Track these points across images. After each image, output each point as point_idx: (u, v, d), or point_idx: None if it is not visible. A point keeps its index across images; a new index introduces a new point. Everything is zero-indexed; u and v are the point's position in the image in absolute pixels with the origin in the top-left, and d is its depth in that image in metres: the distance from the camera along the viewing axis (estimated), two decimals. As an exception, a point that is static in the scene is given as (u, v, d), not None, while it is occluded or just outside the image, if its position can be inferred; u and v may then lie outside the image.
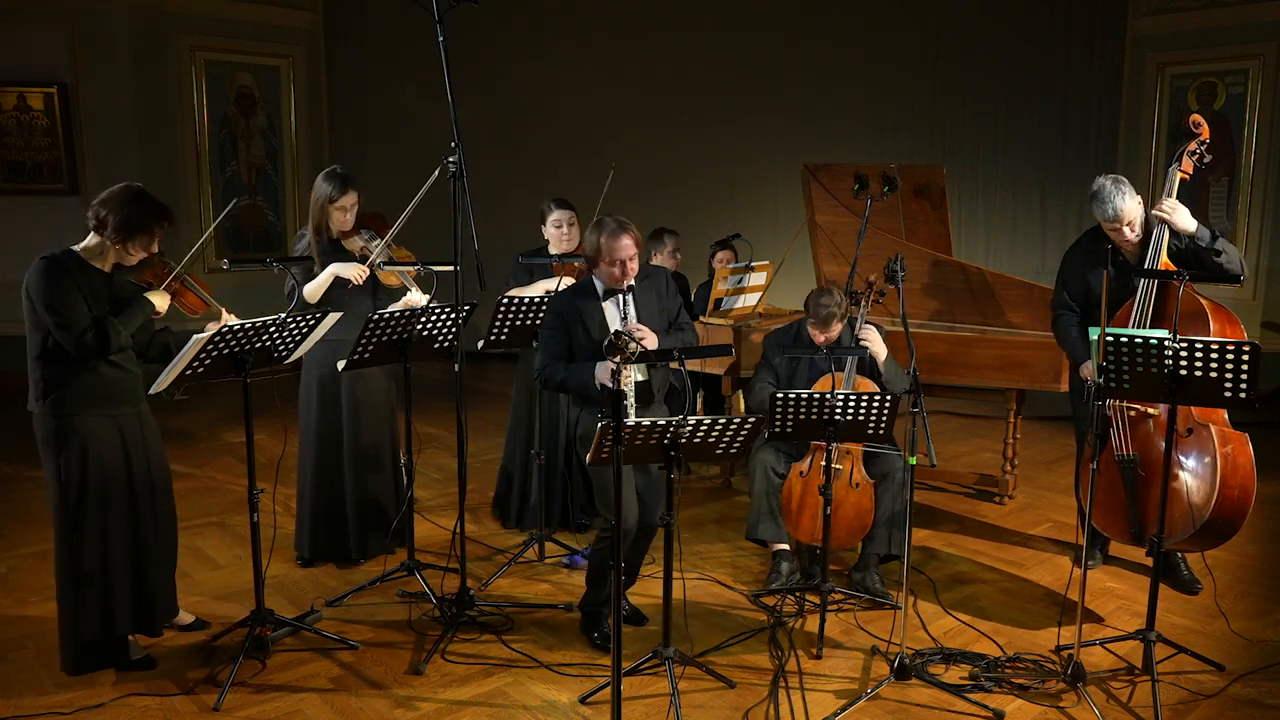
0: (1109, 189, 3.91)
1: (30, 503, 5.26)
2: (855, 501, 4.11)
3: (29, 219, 8.01)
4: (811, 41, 8.94)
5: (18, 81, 7.83)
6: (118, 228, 3.20)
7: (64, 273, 3.19)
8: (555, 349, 3.63)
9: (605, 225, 3.51)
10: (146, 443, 3.46)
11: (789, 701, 3.33)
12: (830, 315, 4.16)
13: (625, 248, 3.48)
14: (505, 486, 4.96)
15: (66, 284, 3.18)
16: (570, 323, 3.60)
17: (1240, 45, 7.59)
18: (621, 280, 3.53)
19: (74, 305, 3.18)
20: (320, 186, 4.13)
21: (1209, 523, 3.61)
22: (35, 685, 3.38)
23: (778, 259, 5.88)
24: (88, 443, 3.29)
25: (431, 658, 3.57)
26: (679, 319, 3.74)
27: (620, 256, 3.49)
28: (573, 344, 3.61)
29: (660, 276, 3.78)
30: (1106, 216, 3.93)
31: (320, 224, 4.16)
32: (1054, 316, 4.31)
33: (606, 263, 3.51)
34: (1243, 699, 3.35)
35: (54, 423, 3.28)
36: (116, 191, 3.24)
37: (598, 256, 3.52)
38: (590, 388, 3.52)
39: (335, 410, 4.28)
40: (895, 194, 5.42)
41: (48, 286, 3.16)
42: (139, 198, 3.24)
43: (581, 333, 3.58)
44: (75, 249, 3.28)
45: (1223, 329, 3.71)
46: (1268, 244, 7.66)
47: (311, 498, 4.33)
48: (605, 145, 8.96)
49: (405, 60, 8.84)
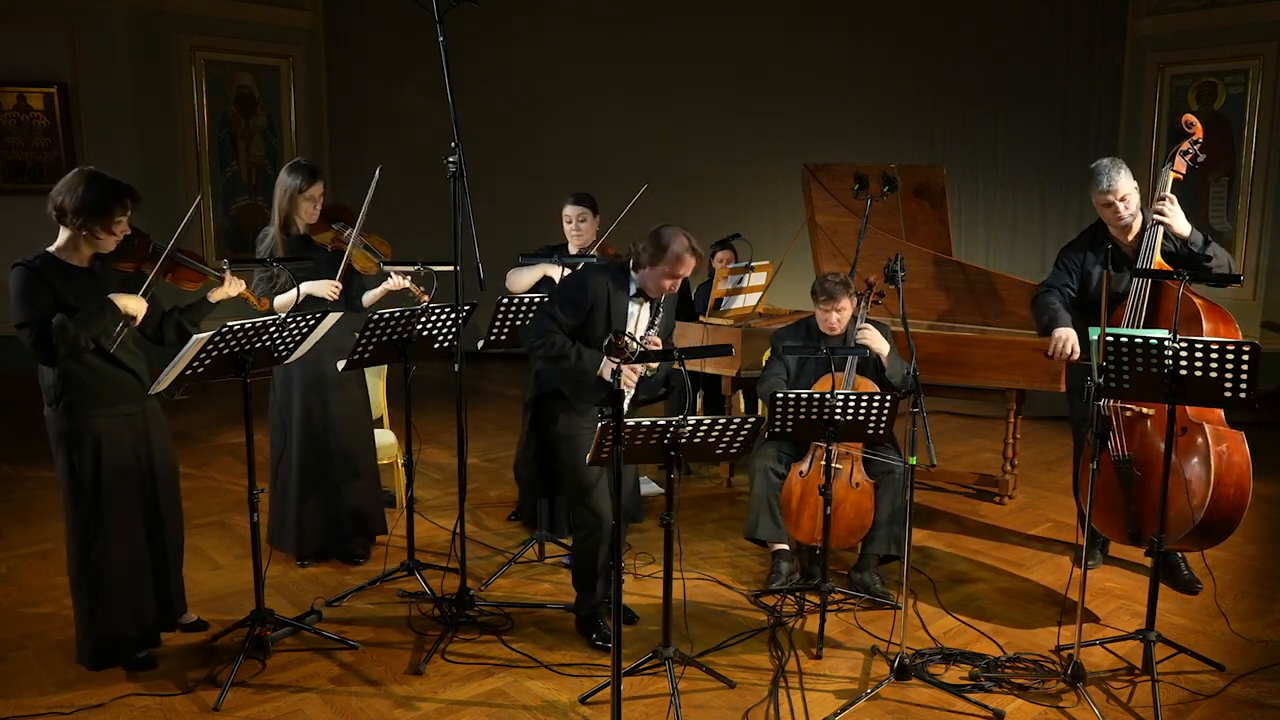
0: (1105, 164, 3.95)
1: (30, 503, 5.27)
2: (855, 501, 4.11)
3: (29, 219, 7.94)
4: (811, 41, 8.94)
5: (18, 81, 7.83)
6: (75, 211, 3.12)
7: (33, 276, 3.13)
8: (568, 321, 3.55)
9: (678, 238, 3.47)
10: (154, 439, 3.47)
11: (789, 701, 3.33)
12: (837, 287, 4.17)
13: (690, 266, 3.52)
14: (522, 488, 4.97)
15: (33, 288, 3.12)
16: (596, 304, 3.54)
17: (1240, 45, 7.60)
18: (664, 293, 3.58)
19: (31, 310, 3.12)
20: (286, 179, 4.08)
21: (1205, 521, 3.61)
22: (35, 685, 3.37)
23: (778, 259, 5.88)
24: (101, 441, 3.30)
25: (431, 658, 3.57)
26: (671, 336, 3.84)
27: (683, 273, 3.53)
28: (585, 324, 3.55)
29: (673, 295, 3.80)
30: (1101, 187, 3.92)
31: (287, 217, 4.10)
32: (1037, 292, 4.25)
33: (665, 272, 3.50)
34: (1243, 699, 3.35)
35: (65, 424, 3.28)
36: (69, 178, 3.17)
37: (659, 261, 3.47)
38: (587, 375, 3.51)
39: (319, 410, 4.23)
40: (895, 194, 5.42)
41: (14, 291, 3.14)
42: (92, 178, 3.15)
43: (601, 318, 3.54)
44: (50, 249, 3.23)
45: (1216, 328, 3.71)
46: (1268, 244, 7.66)
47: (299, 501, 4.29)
48: (606, 145, 8.99)
49: (405, 60, 8.84)
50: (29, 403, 7.10)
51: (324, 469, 4.28)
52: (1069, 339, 3.98)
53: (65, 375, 3.24)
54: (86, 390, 3.26)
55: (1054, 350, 4.00)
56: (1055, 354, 4.00)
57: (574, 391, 3.60)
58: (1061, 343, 3.99)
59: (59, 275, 3.17)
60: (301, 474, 4.25)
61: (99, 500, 3.32)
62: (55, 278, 3.16)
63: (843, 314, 4.22)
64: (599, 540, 3.64)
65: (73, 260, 3.24)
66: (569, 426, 3.64)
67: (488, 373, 8.76)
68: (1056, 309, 4.09)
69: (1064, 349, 3.98)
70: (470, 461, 5.89)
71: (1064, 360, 4.04)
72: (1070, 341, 3.97)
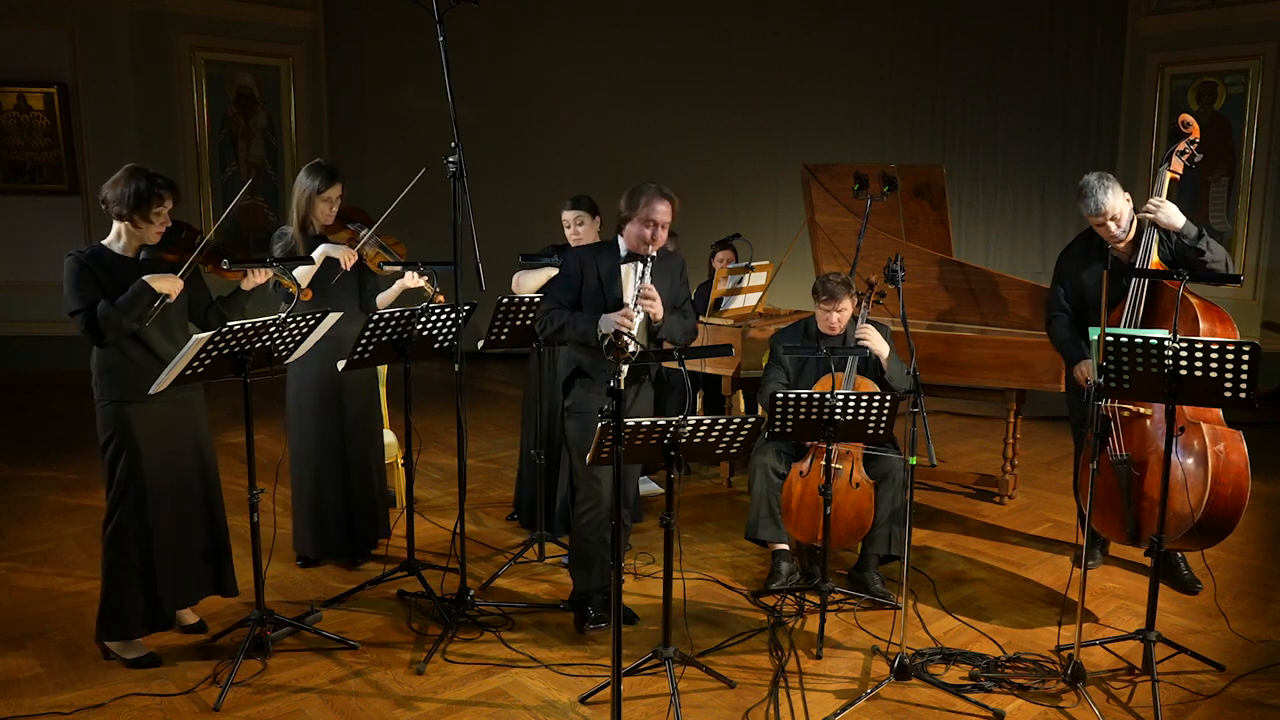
0: (1093, 183, 3.94)
1: (31, 503, 5.27)
2: (855, 501, 4.11)
3: (29, 219, 8.02)
4: (812, 41, 8.94)
5: (18, 81, 7.84)
6: (117, 202, 3.34)
7: (80, 267, 3.34)
8: (564, 296, 3.67)
9: (647, 187, 3.56)
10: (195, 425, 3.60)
11: (789, 701, 3.33)
12: (839, 286, 4.18)
13: (662, 212, 3.53)
14: (520, 488, 4.97)
15: (81, 279, 3.33)
16: (585, 271, 3.63)
17: (1240, 45, 7.60)
18: (648, 245, 3.56)
19: (80, 298, 3.33)
20: (304, 180, 4.11)
21: (1203, 521, 3.61)
22: (35, 685, 3.38)
23: (778, 259, 5.89)
24: (133, 427, 3.42)
25: (431, 658, 3.57)
26: (683, 306, 3.81)
27: (655, 218, 3.53)
28: (582, 295, 3.63)
29: (677, 262, 3.83)
30: (1089, 210, 3.95)
31: (305, 218, 4.13)
32: (1048, 318, 4.34)
33: (640, 220, 3.54)
34: (1243, 699, 3.35)
35: (107, 408, 3.43)
36: (117, 174, 3.39)
37: (632, 214, 3.55)
38: (590, 336, 3.55)
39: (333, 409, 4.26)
40: (895, 194, 5.42)
41: (65, 281, 3.35)
42: (134, 173, 3.37)
43: (594, 280, 3.61)
44: (103, 242, 3.44)
45: (1213, 328, 3.71)
46: (1268, 244, 7.67)
47: (311, 498, 4.32)
48: (606, 145, 8.99)
49: (405, 60, 8.84)
50: (29, 403, 7.13)
51: (341, 468, 4.31)
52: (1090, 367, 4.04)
53: (109, 366, 3.40)
54: (128, 379, 3.40)
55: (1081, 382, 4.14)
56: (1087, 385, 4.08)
57: (591, 364, 3.66)
58: (1082, 375, 4.14)
59: (105, 264, 3.37)
60: (319, 473, 4.28)
61: (139, 482, 3.43)
62: (101, 267, 3.36)
63: (843, 314, 4.22)
64: (602, 514, 3.67)
65: (121, 250, 3.43)
66: (580, 402, 3.69)
67: (488, 373, 8.76)
68: (1070, 349, 4.22)
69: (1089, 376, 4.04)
70: (470, 461, 5.89)
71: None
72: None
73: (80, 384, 3.80)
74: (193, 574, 3.66)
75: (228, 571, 3.77)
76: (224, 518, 3.75)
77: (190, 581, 3.65)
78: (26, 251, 7.97)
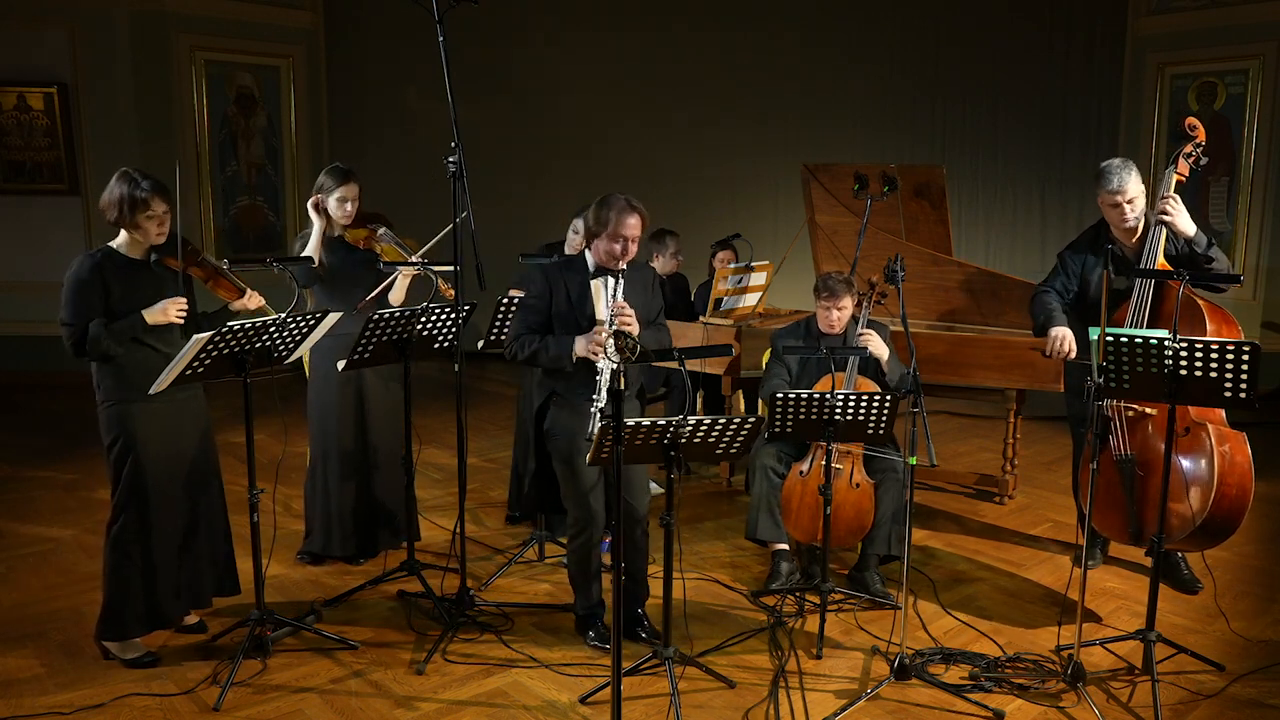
0: (1117, 164, 3.94)
1: (30, 503, 5.27)
2: (855, 501, 4.11)
3: (29, 219, 8.02)
4: (812, 41, 8.94)
5: (18, 81, 7.84)
6: (112, 208, 3.36)
7: (83, 280, 3.34)
8: (533, 320, 3.55)
9: (615, 200, 3.43)
10: (196, 425, 3.60)
11: (789, 701, 3.33)
12: (840, 284, 4.17)
13: (632, 226, 3.41)
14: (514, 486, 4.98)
15: (82, 292, 3.33)
16: (554, 290, 3.52)
17: (1240, 45, 7.60)
18: (618, 260, 3.45)
19: (78, 306, 3.33)
20: (321, 180, 4.20)
21: (1207, 522, 3.60)
22: (35, 685, 3.38)
23: (778, 259, 5.89)
24: (136, 428, 3.42)
25: (431, 658, 3.57)
26: (657, 319, 3.70)
27: (625, 233, 3.41)
28: (551, 315, 3.53)
29: (649, 274, 3.74)
30: (1110, 186, 3.91)
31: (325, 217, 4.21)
32: (1035, 292, 4.26)
33: (609, 236, 3.42)
34: (1243, 699, 3.35)
35: (110, 409, 3.43)
36: (110, 181, 3.40)
37: (600, 229, 3.44)
38: (564, 361, 3.46)
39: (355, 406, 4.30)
40: (895, 194, 5.42)
41: (65, 290, 3.36)
42: (122, 176, 3.39)
43: (564, 302, 3.50)
44: (111, 244, 3.45)
45: (1219, 329, 3.71)
46: (1268, 244, 7.66)
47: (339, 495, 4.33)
48: (606, 145, 8.99)
49: (405, 60, 8.84)
50: (29, 403, 7.13)
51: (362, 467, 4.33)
52: (1065, 337, 3.98)
53: (110, 367, 3.40)
54: (130, 379, 3.40)
55: (1050, 349, 4.00)
56: (1052, 353, 4.00)
57: (565, 387, 3.56)
58: (1058, 341, 3.98)
59: (113, 267, 3.39)
60: (341, 472, 4.30)
61: (135, 484, 3.43)
62: (109, 270, 3.38)
63: (844, 312, 4.22)
64: (590, 541, 3.63)
65: (129, 253, 3.44)
66: (557, 426, 3.57)
67: (488, 373, 8.76)
68: (1053, 308, 4.09)
69: (1060, 347, 3.98)
70: (470, 461, 5.89)
71: (1061, 359, 4.04)
72: (1066, 340, 3.97)
73: (80, 384, 3.81)
74: (199, 577, 3.65)
75: (231, 570, 3.77)
76: (226, 518, 3.75)
77: (198, 585, 3.65)
78: (26, 251, 7.97)
